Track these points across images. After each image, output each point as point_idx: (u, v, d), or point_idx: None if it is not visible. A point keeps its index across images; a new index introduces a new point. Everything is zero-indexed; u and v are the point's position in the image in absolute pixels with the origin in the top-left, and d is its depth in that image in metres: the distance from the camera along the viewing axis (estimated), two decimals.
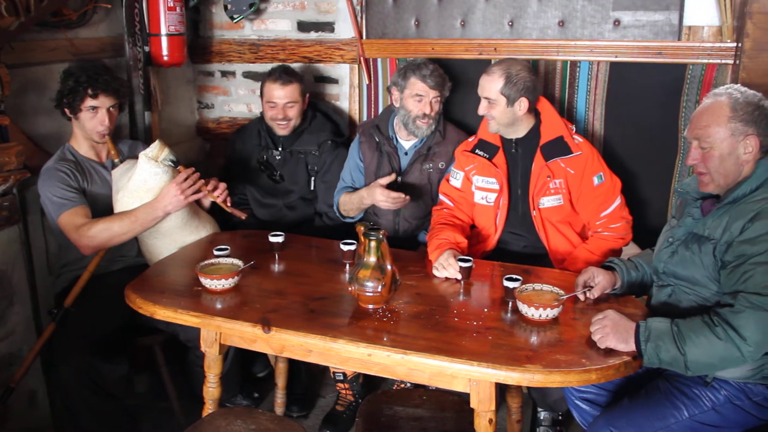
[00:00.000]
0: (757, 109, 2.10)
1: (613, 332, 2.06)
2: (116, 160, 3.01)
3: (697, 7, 3.13)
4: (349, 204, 3.30)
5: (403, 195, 3.08)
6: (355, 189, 3.36)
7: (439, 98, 3.21)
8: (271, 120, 3.48)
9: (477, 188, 3.06)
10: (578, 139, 2.96)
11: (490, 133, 3.03)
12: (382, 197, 3.09)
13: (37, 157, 3.01)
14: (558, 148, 2.92)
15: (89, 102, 2.89)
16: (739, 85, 2.20)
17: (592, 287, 2.38)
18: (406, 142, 3.33)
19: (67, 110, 2.92)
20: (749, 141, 2.10)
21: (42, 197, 2.87)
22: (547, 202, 2.94)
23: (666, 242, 2.31)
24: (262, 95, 3.49)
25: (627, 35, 3.26)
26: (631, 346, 2.04)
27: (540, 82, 2.99)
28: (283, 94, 3.40)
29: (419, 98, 3.17)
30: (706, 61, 3.12)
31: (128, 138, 3.47)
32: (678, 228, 2.29)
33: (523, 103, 2.88)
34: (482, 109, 2.94)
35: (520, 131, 2.99)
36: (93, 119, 2.92)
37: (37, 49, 3.04)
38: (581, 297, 2.38)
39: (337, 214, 3.40)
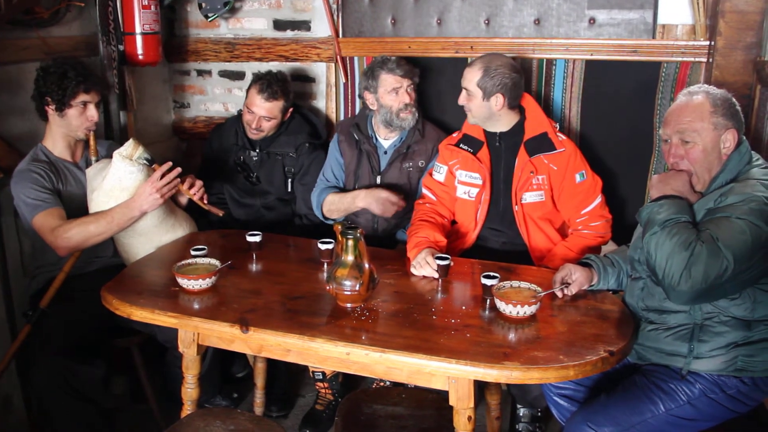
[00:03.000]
0: (732, 105, 2.19)
1: (663, 176, 2.25)
2: (93, 158, 2.98)
3: (670, 5, 3.17)
4: (337, 204, 3.27)
5: (402, 202, 3.14)
6: (340, 189, 3.36)
7: (412, 85, 3.22)
8: (246, 123, 3.47)
9: (460, 182, 3.07)
10: (561, 136, 2.98)
11: (472, 126, 3.04)
12: (384, 198, 3.13)
13: (9, 157, 2.98)
14: (542, 144, 2.94)
15: (82, 97, 2.86)
16: (707, 85, 2.26)
17: (569, 284, 2.40)
18: (386, 141, 3.33)
19: (51, 108, 2.87)
20: (729, 134, 2.17)
21: (15, 199, 2.83)
22: (529, 197, 2.95)
23: None
24: (247, 93, 3.46)
25: (602, 33, 3.29)
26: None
27: (523, 79, 3.00)
28: (263, 107, 3.37)
29: (395, 90, 3.18)
30: (680, 59, 3.16)
31: (103, 138, 3.43)
32: None
33: (498, 99, 2.89)
34: (461, 99, 2.96)
35: (500, 126, 3.00)
36: (81, 115, 2.89)
37: (9, 48, 3.00)
38: (559, 294, 2.40)
39: (318, 214, 3.39)
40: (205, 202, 2.97)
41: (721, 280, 1.98)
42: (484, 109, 2.92)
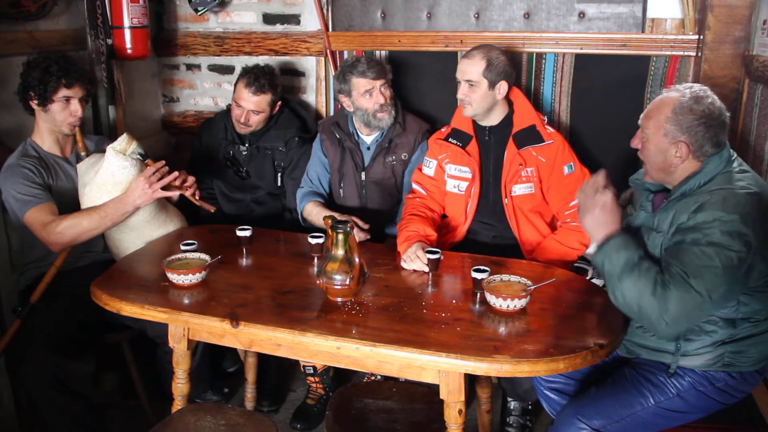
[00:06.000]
0: (696, 120, 2.08)
1: (593, 217, 2.19)
2: (83, 153, 2.96)
3: None
4: (313, 217, 3.24)
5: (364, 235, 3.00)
6: (321, 195, 3.34)
7: (386, 84, 3.20)
8: (234, 117, 3.46)
9: (449, 176, 3.08)
10: (549, 129, 3.00)
11: (465, 119, 3.04)
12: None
13: None
14: (530, 136, 2.96)
15: (63, 92, 2.82)
16: (707, 89, 2.15)
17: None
18: (368, 137, 3.32)
19: (34, 103, 2.84)
20: (680, 146, 2.12)
21: (5, 194, 2.80)
22: (519, 189, 2.96)
23: None
24: (235, 88, 3.45)
25: (592, 27, 3.30)
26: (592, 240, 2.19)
27: (514, 68, 3.00)
28: (251, 101, 3.35)
29: (368, 93, 3.16)
30: (669, 53, 3.17)
31: (92, 133, 3.41)
32: (633, 223, 2.32)
33: (503, 87, 2.92)
34: (462, 93, 2.94)
35: (494, 118, 3.01)
36: (65, 110, 2.85)
37: None
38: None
39: (300, 218, 3.37)
40: (197, 198, 2.96)
41: (701, 313, 1.99)
42: (489, 99, 2.93)
